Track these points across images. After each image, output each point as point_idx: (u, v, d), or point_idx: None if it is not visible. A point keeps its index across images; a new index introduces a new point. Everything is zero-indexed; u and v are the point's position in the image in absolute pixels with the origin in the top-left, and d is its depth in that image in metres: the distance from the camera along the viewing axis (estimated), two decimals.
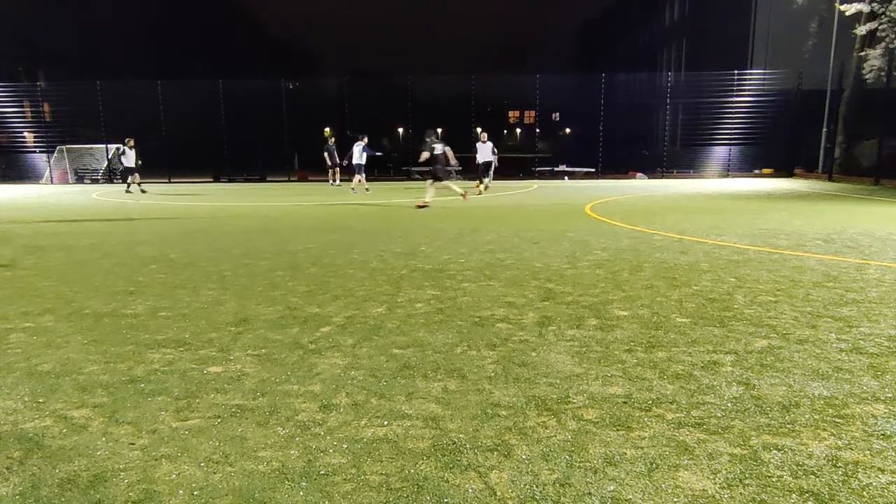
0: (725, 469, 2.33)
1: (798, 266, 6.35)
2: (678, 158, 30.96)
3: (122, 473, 2.36)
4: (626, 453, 2.47)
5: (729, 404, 2.93)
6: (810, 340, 3.89)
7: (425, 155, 13.69)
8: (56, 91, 28.70)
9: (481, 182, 20.32)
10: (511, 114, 51.80)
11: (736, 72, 28.94)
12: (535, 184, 24.83)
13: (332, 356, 3.68)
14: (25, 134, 28.66)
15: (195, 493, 2.22)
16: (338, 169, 23.45)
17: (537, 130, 36.39)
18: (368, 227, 10.30)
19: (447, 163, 14.35)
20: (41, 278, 6.14)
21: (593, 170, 29.98)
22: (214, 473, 2.36)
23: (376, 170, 28.37)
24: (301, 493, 2.22)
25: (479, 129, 21.42)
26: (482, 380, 3.28)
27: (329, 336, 4.09)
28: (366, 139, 20.77)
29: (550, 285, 5.55)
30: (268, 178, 28.27)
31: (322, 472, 2.36)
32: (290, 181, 26.35)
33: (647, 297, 5.09)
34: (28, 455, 2.52)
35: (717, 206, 13.84)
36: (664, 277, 5.84)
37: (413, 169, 27.54)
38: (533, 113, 43.55)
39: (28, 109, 28.82)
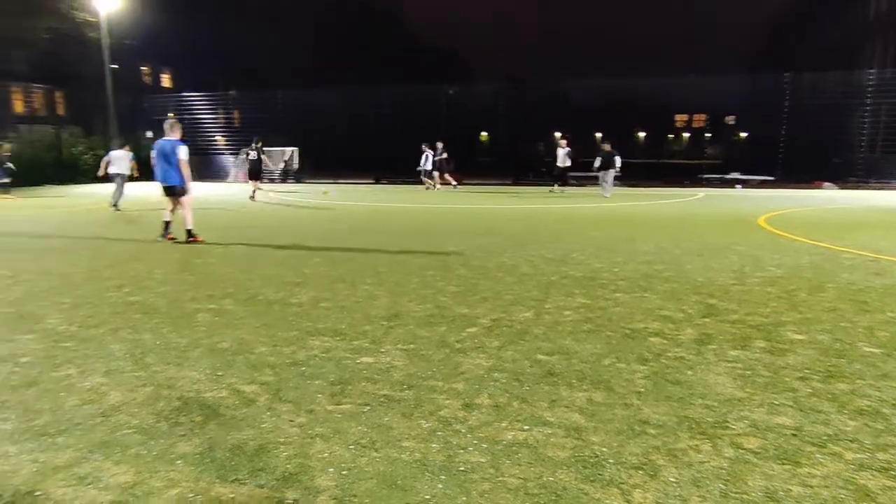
0: None
1: None
2: (878, 166, 27.11)
3: (282, 447, 2.58)
4: (791, 490, 2.22)
5: None
6: None
7: (241, 158, 17.76)
8: (245, 100, 32.46)
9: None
10: (678, 118, 48.86)
11: None
12: (701, 192, 23.21)
13: (476, 357, 3.73)
14: (217, 138, 32.55)
15: (343, 472, 2.37)
16: (437, 174, 24.60)
17: (707, 135, 33.96)
18: (518, 231, 10.30)
19: (263, 167, 18.42)
20: (224, 266, 6.93)
21: (771, 178, 27.25)
22: (361, 457, 2.49)
23: (530, 174, 28.30)
24: (440, 485, 2.27)
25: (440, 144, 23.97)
26: (630, 394, 3.13)
27: (475, 337, 4.14)
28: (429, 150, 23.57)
29: (713, 301, 5.15)
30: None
31: (461, 469, 2.39)
32: (445, 184, 27.17)
33: (829, 321, 4.53)
34: (207, 420, 2.85)
35: None
36: (852, 300, 5.16)
37: (568, 174, 27.05)
38: (703, 116, 40.74)
39: (222, 116, 32.83)
